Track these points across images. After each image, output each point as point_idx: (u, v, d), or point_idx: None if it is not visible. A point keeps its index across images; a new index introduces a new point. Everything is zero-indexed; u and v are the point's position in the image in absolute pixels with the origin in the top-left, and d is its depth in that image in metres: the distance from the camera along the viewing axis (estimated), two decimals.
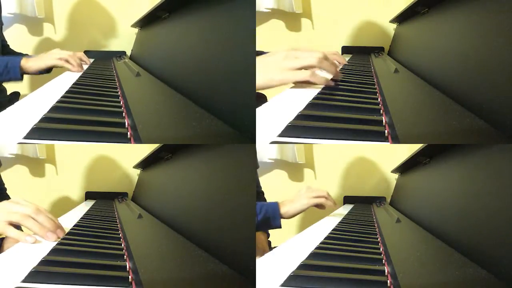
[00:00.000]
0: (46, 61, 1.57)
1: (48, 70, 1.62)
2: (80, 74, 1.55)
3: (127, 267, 0.96)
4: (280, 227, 1.42)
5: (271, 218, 1.38)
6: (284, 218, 1.42)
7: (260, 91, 1.41)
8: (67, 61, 1.58)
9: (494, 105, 0.95)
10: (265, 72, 1.04)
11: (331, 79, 1.14)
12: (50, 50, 1.63)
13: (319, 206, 1.51)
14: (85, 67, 1.68)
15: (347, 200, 2.03)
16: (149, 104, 1.25)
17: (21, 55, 1.83)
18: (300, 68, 1.08)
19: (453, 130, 0.95)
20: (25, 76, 1.61)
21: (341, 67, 1.49)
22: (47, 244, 1.06)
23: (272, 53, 1.09)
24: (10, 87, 1.78)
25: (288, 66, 1.05)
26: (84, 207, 1.79)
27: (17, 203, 1.11)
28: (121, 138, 0.98)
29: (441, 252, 1.11)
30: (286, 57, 1.06)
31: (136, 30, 1.94)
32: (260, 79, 1.04)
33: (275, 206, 1.40)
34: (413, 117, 1.04)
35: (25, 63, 1.55)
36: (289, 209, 1.41)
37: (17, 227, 1.57)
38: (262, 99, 1.59)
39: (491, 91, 0.97)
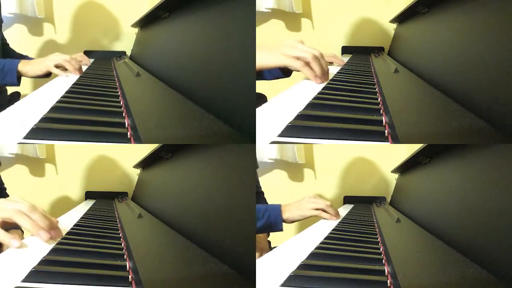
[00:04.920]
0: (42, 67, 1.54)
1: (46, 75, 1.60)
2: (80, 74, 1.55)
3: (127, 266, 0.96)
4: (281, 230, 1.45)
5: (273, 223, 1.41)
6: (285, 223, 1.45)
7: (259, 92, 1.43)
8: (64, 66, 1.55)
9: (494, 105, 0.95)
10: (264, 52, 1.16)
11: (318, 77, 1.21)
12: (50, 50, 1.62)
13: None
14: (85, 68, 1.67)
15: (347, 200, 2.03)
16: (149, 104, 1.25)
17: (20, 56, 1.82)
18: (296, 58, 1.18)
19: (453, 130, 0.95)
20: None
21: (338, 69, 1.50)
22: (47, 244, 1.06)
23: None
24: (10, 87, 1.77)
25: (285, 52, 1.17)
26: (84, 206, 1.79)
27: (12, 201, 1.08)
28: (121, 138, 0.98)
29: (441, 252, 1.11)
30: (286, 45, 1.18)
31: (136, 30, 1.94)
32: (258, 58, 1.14)
33: (278, 211, 1.43)
34: (413, 117, 1.04)
35: (22, 67, 1.52)
36: (290, 215, 1.45)
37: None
38: (262, 99, 1.59)
39: (491, 91, 0.97)
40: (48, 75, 1.60)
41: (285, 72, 1.30)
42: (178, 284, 0.93)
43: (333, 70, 1.46)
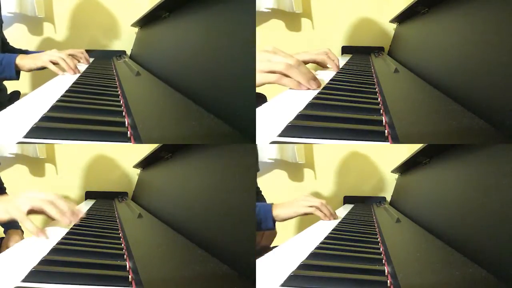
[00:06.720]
0: (38, 61, 1.54)
1: (42, 68, 1.58)
2: (79, 73, 1.54)
3: (127, 266, 0.96)
4: (272, 229, 1.39)
5: (262, 220, 1.35)
6: (276, 220, 1.40)
7: (259, 92, 1.41)
8: (59, 63, 1.54)
9: (494, 105, 0.95)
10: None
11: (303, 85, 1.13)
12: (50, 49, 1.61)
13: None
14: (83, 67, 1.67)
15: (347, 200, 2.03)
16: (149, 104, 1.25)
17: (21, 52, 1.82)
18: (270, 72, 1.08)
19: (453, 130, 0.95)
20: (25, 75, 1.59)
21: (334, 70, 1.45)
22: (47, 244, 1.06)
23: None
24: (11, 86, 1.77)
25: (259, 68, 1.06)
26: (84, 206, 1.79)
27: (39, 192, 1.16)
28: (121, 137, 0.98)
29: (441, 252, 1.11)
30: (258, 60, 1.07)
31: (136, 29, 1.94)
32: None
33: (268, 208, 1.37)
34: (413, 117, 1.04)
35: (19, 61, 1.52)
36: (280, 213, 1.38)
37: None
38: (262, 99, 1.59)
39: (491, 91, 0.97)
40: (43, 67, 1.58)
41: None
42: (178, 284, 0.93)
43: (331, 73, 1.45)
